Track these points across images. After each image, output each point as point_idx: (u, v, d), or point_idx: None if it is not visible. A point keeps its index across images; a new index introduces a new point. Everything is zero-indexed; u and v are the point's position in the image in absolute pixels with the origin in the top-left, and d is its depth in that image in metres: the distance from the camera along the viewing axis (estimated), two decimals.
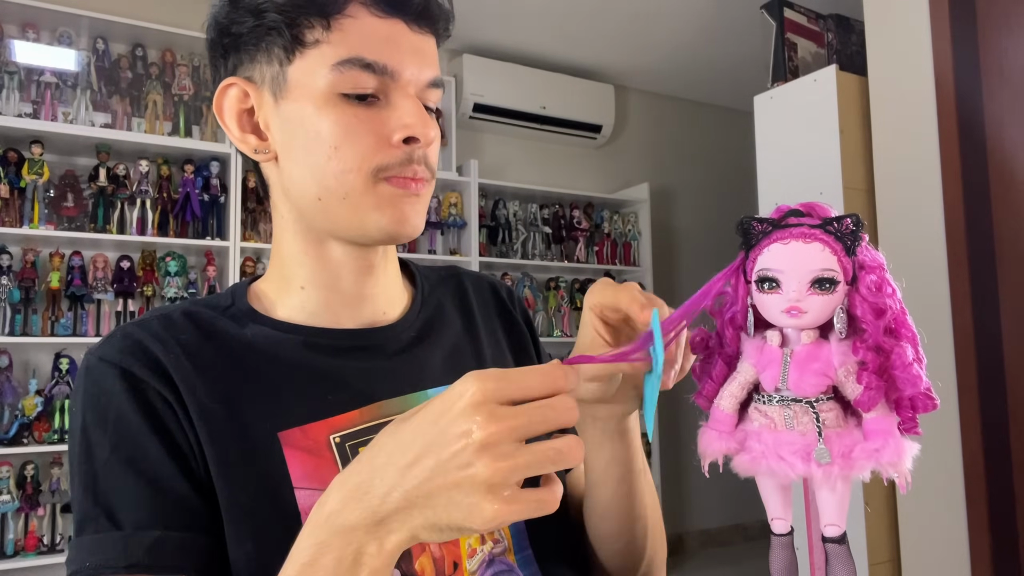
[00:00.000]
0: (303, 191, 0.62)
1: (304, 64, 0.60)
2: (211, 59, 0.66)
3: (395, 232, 0.62)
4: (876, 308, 0.42)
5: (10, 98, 2.73)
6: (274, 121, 0.63)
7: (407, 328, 0.70)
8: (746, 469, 0.43)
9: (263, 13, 0.60)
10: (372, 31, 0.59)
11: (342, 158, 0.59)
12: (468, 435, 0.41)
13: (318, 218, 0.63)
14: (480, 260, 3.61)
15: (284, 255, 0.68)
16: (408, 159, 0.61)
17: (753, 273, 0.44)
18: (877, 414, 0.42)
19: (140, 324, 0.62)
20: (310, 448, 0.60)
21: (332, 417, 0.61)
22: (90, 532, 0.54)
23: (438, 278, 0.78)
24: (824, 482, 0.41)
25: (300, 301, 0.66)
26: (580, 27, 3.63)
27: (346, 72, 0.58)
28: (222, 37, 0.63)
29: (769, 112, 2.65)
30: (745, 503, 4.15)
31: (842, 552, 0.43)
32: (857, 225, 0.42)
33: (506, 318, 0.79)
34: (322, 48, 0.59)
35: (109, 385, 0.58)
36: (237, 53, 0.63)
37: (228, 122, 0.64)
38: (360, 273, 0.67)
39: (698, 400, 0.49)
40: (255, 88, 0.63)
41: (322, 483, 0.58)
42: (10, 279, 2.64)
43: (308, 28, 0.59)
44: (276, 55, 0.61)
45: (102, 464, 0.56)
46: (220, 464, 0.57)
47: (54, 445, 2.64)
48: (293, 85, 0.60)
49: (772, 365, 0.43)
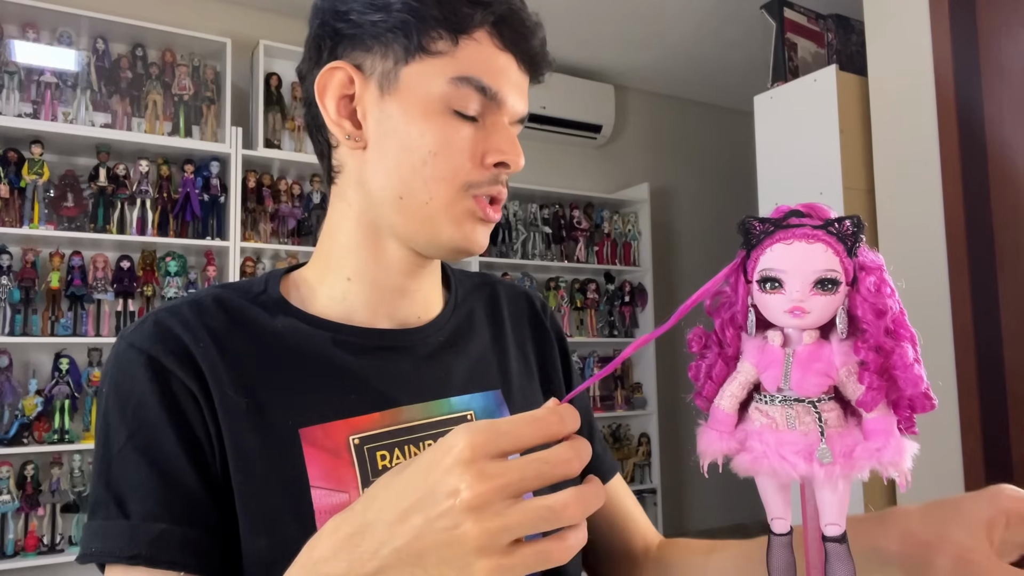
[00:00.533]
0: (385, 186, 0.64)
1: (421, 69, 0.62)
2: (314, 37, 0.67)
3: (463, 248, 0.65)
4: (877, 309, 0.42)
5: (10, 98, 2.73)
6: (374, 113, 0.64)
7: (436, 332, 0.70)
8: (747, 469, 0.43)
9: (392, 10, 0.62)
10: (491, 57, 0.63)
11: (438, 166, 0.62)
12: (456, 494, 0.38)
13: (391, 215, 0.65)
14: (480, 260, 3.61)
15: (336, 244, 0.68)
16: (496, 180, 0.64)
17: (755, 273, 0.44)
18: (877, 414, 0.42)
19: (171, 310, 0.63)
20: (329, 448, 0.60)
21: (353, 417, 0.62)
22: (100, 517, 0.55)
23: (472, 285, 0.79)
24: (826, 482, 0.42)
25: (342, 292, 0.67)
26: (580, 27, 3.64)
27: (462, 88, 0.61)
28: (337, 20, 0.64)
29: (769, 112, 2.65)
30: (745, 503, 4.15)
31: (842, 551, 0.43)
32: (858, 226, 0.42)
33: (537, 330, 0.80)
34: (444, 60, 0.62)
35: (134, 372, 0.58)
36: (352, 41, 0.64)
37: (327, 103, 0.65)
38: (408, 274, 0.68)
39: (697, 400, 0.49)
40: (362, 77, 0.64)
41: (338, 484, 0.59)
42: (10, 279, 2.64)
43: (436, 38, 0.61)
44: (394, 52, 0.63)
45: (118, 450, 0.57)
46: (239, 457, 0.58)
47: (54, 445, 2.64)
48: (404, 85, 0.62)
49: (774, 365, 0.43)
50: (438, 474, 0.40)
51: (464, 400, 0.68)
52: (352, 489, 0.60)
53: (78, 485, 2.70)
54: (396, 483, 0.42)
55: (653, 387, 3.99)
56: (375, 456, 0.61)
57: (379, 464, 0.61)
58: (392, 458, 0.62)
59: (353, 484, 0.60)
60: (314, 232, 3.21)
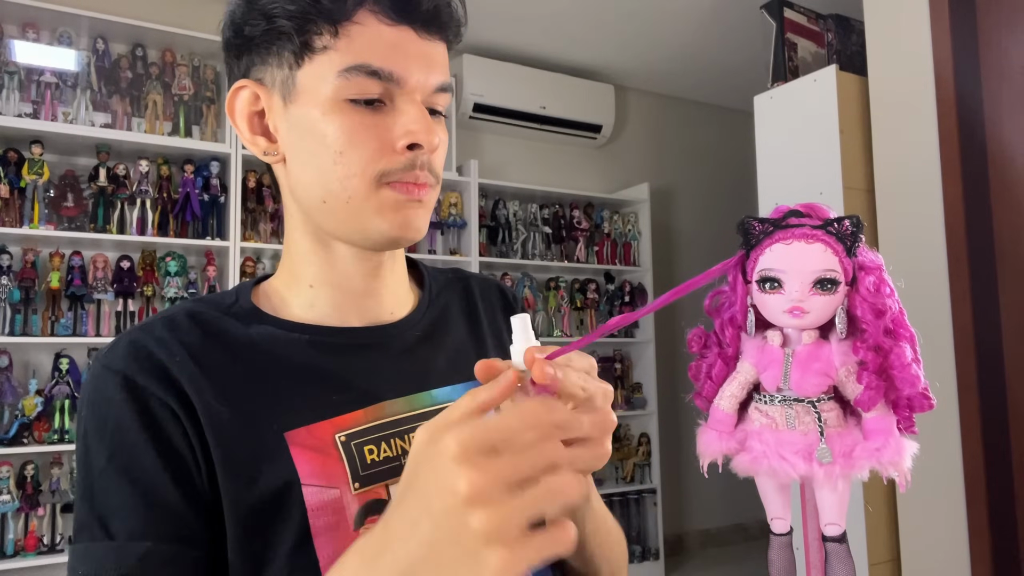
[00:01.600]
0: (309, 193, 0.64)
1: (312, 69, 0.61)
2: (226, 58, 0.67)
3: (397, 237, 0.63)
4: (876, 308, 0.42)
5: (10, 98, 2.73)
6: (283, 124, 0.64)
7: (412, 327, 0.71)
8: (747, 469, 0.43)
9: (274, 17, 0.60)
10: (380, 38, 0.60)
11: (346, 163, 0.60)
12: (455, 490, 0.39)
13: (323, 220, 0.64)
14: (480, 260, 3.61)
15: (294, 253, 0.69)
16: (411, 165, 0.61)
17: (754, 273, 0.44)
18: (877, 414, 0.42)
19: (144, 328, 0.63)
20: (316, 447, 0.61)
21: (337, 417, 0.62)
22: (85, 540, 0.55)
23: (446, 280, 0.79)
24: (826, 482, 0.42)
25: (309, 299, 0.67)
26: (580, 27, 3.63)
27: (352, 78, 0.59)
28: (236, 37, 0.64)
29: (769, 112, 2.65)
30: (745, 503, 4.15)
31: (842, 551, 0.43)
32: (857, 227, 0.42)
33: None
34: (330, 54, 0.60)
35: (111, 393, 0.58)
36: (249, 55, 0.64)
37: (239, 123, 0.65)
38: (367, 273, 0.68)
39: (697, 400, 0.49)
40: (266, 91, 0.64)
41: (328, 480, 0.60)
42: (10, 279, 2.64)
43: (317, 34, 0.60)
44: (286, 59, 0.62)
45: (99, 472, 0.57)
46: (228, 464, 0.58)
47: (54, 445, 2.64)
48: (301, 90, 0.61)
49: (773, 365, 0.43)
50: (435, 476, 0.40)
51: (446, 392, 0.68)
52: (342, 483, 0.60)
53: None
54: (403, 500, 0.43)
55: (653, 387, 3.98)
56: (363, 451, 0.62)
57: (367, 458, 0.62)
58: (380, 451, 0.63)
59: (343, 479, 0.60)
60: None
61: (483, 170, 3.71)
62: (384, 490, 0.62)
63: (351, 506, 0.60)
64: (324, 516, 0.59)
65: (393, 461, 0.63)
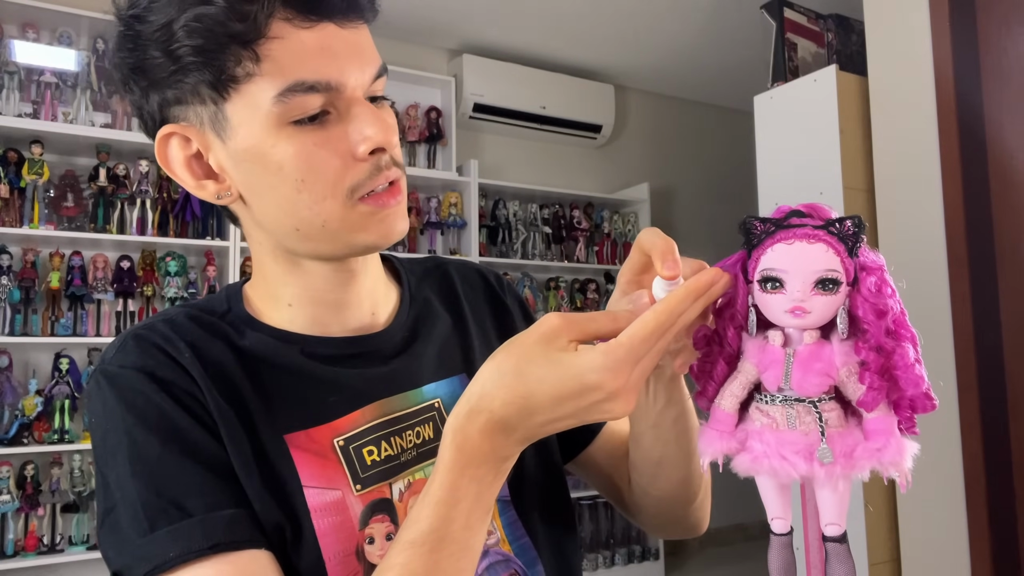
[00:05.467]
0: (278, 225, 0.61)
1: (242, 100, 0.55)
2: (134, 106, 0.62)
3: (383, 244, 0.62)
4: (877, 309, 0.42)
5: (10, 98, 2.73)
6: (227, 162, 0.59)
7: (399, 330, 0.70)
8: (747, 469, 0.43)
9: (175, 53, 0.54)
10: (303, 47, 0.55)
11: (311, 188, 0.57)
12: (601, 388, 0.46)
13: (299, 246, 0.62)
14: (480, 260, 3.61)
15: (267, 277, 0.67)
16: (376, 168, 0.59)
17: (756, 273, 0.44)
18: (878, 414, 0.42)
19: (147, 327, 0.62)
20: (316, 451, 0.61)
21: (335, 420, 0.62)
22: (163, 525, 0.54)
23: (423, 271, 0.78)
24: (826, 482, 0.42)
25: (289, 317, 0.66)
26: (580, 27, 3.63)
27: (290, 100, 0.55)
28: (140, 79, 0.58)
29: (769, 112, 2.65)
30: (745, 503, 4.14)
31: (842, 551, 0.43)
32: (859, 227, 0.42)
33: (495, 306, 0.79)
34: (257, 81, 0.54)
35: (141, 387, 0.58)
36: (160, 92, 0.58)
37: (179, 173, 0.61)
38: (341, 283, 0.66)
39: (698, 400, 0.49)
40: (195, 131, 0.59)
41: (329, 482, 0.60)
42: (10, 279, 2.64)
43: (234, 63, 0.54)
44: (207, 94, 0.56)
45: (156, 460, 0.56)
46: (235, 460, 0.58)
47: (54, 445, 2.64)
48: (237, 123, 0.56)
49: (775, 365, 0.43)
50: (583, 381, 0.46)
51: (431, 388, 0.68)
52: (343, 486, 0.61)
53: (78, 485, 2.69)
54: (536, 386, 0.47)
55: None
56: (362, 453, 0.62)
57: (367, 460, 0.62)
58: (380, 451, 0.63)
59: (344, 482, 0.61)
60: None
61: (483, 170, 3.71)
62: (387, 489, 0.63)
63: (354, 506, 0.61)
64: (327, 516, 0.59)
65: (393, 460, 0.64)
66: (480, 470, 0.50)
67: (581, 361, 0.46)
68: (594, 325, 0.48)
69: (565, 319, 0.48)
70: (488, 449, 0.49)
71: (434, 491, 0.50)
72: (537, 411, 0.48)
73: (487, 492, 0.51)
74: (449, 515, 0.49)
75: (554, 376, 0.47)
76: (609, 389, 0.46)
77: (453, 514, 0.49)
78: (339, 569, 0.58)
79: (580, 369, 0.46)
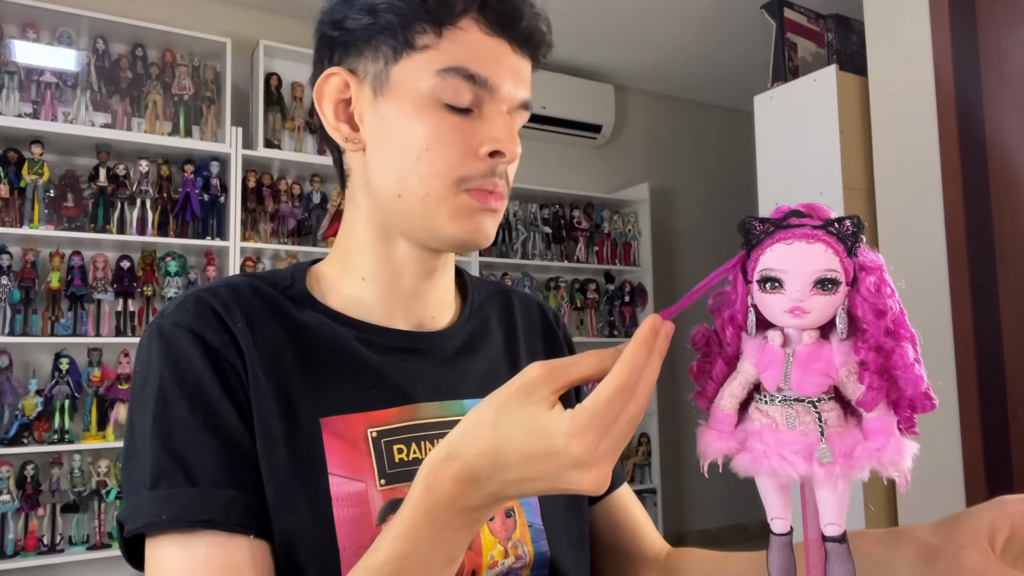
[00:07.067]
0: (385, 185, 0.65)
1: (410, 66, 0.62)
2: (317, 50, 0.69)
3: (468, 242, 0.65)
4: (877, 309, 0.42)
5: (10, 98, 2.73)
6: (369, 115, 0.65)
7: (454, 337, 0.72)
8: (747, 469, 0.43)
9: (378, 12, 0.62)
10: (479, 45, 0.62)
11: (430, 160, 0.62)
12: (574, 462, 0.44)
13: (394, 214, 0.65)
14: (480, 260, 3.61)
15: (351, 243, 0.69)
16: (491, 171, 0.63)
17: (755, 273, 0.44)
18: (877, 414, 0.42)
19: (210, 291, 0.64)
20: (348, 438, 0.62)
21: (372, 411, 0.64)
22: (165, 486, 0.56)
23: (488, 292, 0.80)
24: (826, 482, 0.42)
25: (358, 291, 0.69)
26: (580, 27, 3.64)
27: (448, 79, 0.61)
28: (332, 29, 0.66)
29: (769, 112, 2.65)
30: (745, 503, 4.15)
31: (842, 551, 0.43)
32: (858, 227, 0.42)
33: (549, 339, 0.81)
34: (429, 53, 0.62)
35: (187, 348, 0.60)
36: (345, 47, 0.66)
37: (325, 108, 0.67)
38: (421, 274, 0.69)
39: (697, 400, 0.49)
40: (356, 81, 0.65)
41: (355, 473, 0.61)
42: (10, 279, 2.64)
43: (420, 33, 0.62)
44: (384, 53, 0.63)
45: (180, 422, 0.57)
46: (264, 439, 0.59)
47: (54, 445, 2.64)
48: (395, 84, 0.63)
49: (774, 365, 0.43)
50: (549, 444, 0.45)
51: (471, 404, 0.69)
52: (368, 478, 0.61)
53: (78, 485, 2.70)
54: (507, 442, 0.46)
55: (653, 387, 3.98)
56: (391, 449, 0.63)
57: (395, 457, 0.63)
58: (409, 451, 0.64)
59: (370, 474, 0.62)
60: (313, 232, 3.21)
61: None
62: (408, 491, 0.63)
63: (375, 501, 0.61)
64: (348, 507, 0.60)
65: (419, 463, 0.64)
66: (444, 514, 0.49)
67: (550, 421, 0.45)
68: (578, 370, 0.47)
69: (547, 368, 0.46)
70: (456, 495, 0.48)
71: (396, 524, 0.50)
72: (507, 468, 0.46)
73: (452, 537, 0.49)
74: (406, 551, 0.49)
75: (523, 432, 0.46)
76: (573, 455, 0.44)
77: (411, 551, 0.49)
78: (352, 560, 0.58)
79: (549, 430, 0.45)
